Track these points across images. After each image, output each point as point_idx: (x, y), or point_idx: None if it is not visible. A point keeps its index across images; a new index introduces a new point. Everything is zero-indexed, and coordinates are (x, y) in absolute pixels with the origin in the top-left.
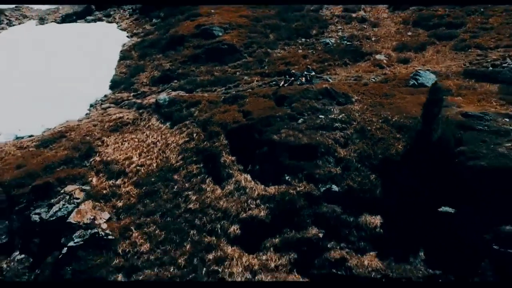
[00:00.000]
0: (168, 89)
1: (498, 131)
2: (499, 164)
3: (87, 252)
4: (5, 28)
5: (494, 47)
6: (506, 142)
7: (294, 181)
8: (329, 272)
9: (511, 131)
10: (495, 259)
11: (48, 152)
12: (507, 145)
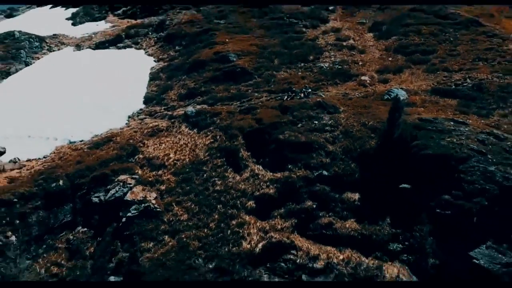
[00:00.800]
0: (194, 103)
1: (443, 130)
2: (441, 152)
3: (141, 220)
4: (46, 53)
5: (458, 70)
6: (447, 138)
7: (294, 168)
8: (320, 233)
9: (452, 131)
10: (437, 218)
11: (100, 152)
12: (447, 140)
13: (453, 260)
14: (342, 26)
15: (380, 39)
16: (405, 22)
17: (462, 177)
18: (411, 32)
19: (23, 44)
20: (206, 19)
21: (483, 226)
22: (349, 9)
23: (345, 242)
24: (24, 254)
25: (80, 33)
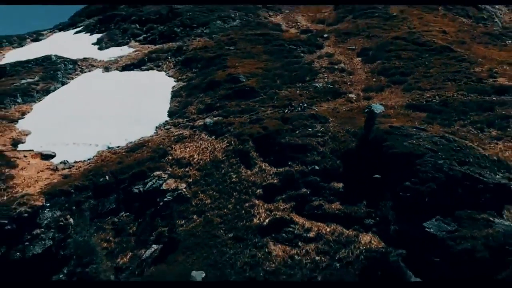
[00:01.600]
0: (211, 116)
1: (407, 135)
2: (404, 150)
3: (175, 204)
4: (79, 74)
5: (429, 88)
6: (409, 140)
7: (293, 164)
8: (312, 212)
9: (413, 135)
10: (399, 199)
11: (136, 155)
12: (409, 141)
13: (410, 228)
14: (335, 51)
15: (367, 63)
16: (388, 48)
17: (418, 168)
18: (392, 57)
19: (59, 66)
20: (217, 45)
21: (433, 204)
22: (341, 36)
23: (331, 219)
24: (80, 233)
25: (106, 56)
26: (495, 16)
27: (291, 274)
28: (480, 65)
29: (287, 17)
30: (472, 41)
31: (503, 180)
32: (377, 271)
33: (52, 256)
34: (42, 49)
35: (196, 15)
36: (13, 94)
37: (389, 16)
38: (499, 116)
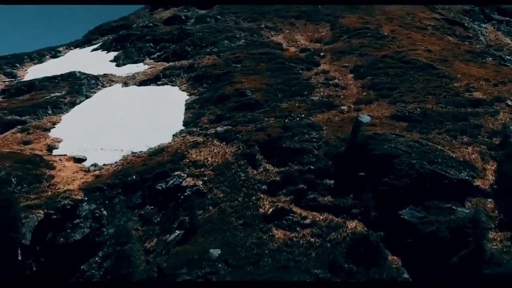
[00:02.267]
0: (221, 125)
1: (387, 140)
2: (383, 152)
3: (194, 197)
4: (101, 89)
5: (412, 101)
6: (388, 144)
7: (292, 165)
8: (308, 204)
9: (392, 140)
10: (379, 192)
11: (157, 158)
12: (388, 145)
13: (388, 215)
14: (330, 68)
15: (358, 79)
16: (377, 66)
17: (395, 167)
18: (381, 74)
19: (83, 81)
20: (225, 63)
21: (407, 196)
22: (337, 55)
23: (324, 209)
24: (113, 222)
25: (124, 73)
26: (480, 34)
27: (290, 251)
28: (459, 80)
29: (287, 36)
30: (455, 59)
31: (466, 177)
32: (360, 249)
33: (90, 242)
34: (62, 65)
35: (205, 35)
36: (44, 106)
37: (380, 36)
38: (471, 125)
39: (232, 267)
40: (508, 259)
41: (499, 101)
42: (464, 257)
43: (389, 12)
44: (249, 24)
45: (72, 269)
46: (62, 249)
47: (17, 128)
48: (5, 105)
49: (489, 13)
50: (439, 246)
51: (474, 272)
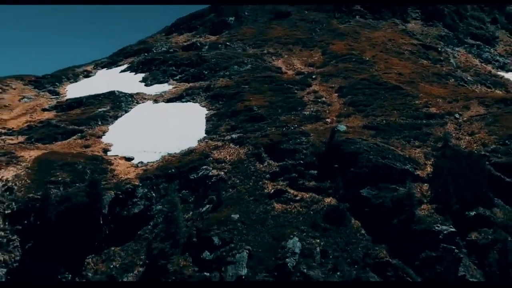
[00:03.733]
0: (235, 133)
1: (354, 142)
2: (352, 150)
3: (219, 182)
4: (136, 105)
5: (381, 115)
6: (356, 145)
7: (288, 160)
8: (299, 187)
9: (359, 142)
10: (348, 177)
11: (189, 157)
12: (356, 146)
13: (352, 193)
14: (319, 89)
15: (341, 97)
16: (356, 87)
17: (358, 161)
18: (359, 93)
19: (122, 99)
20: (236, 85)
21: (366, 180)
22: (325, 77)
23: (309, 190)
24: (159, 201)
25: (153, 91)
26: (452, 57)
27: (285, 216)
28: (420, 99)
29: (286, 61)
30: (421, 80)
31: (410, 168)
32: (332, 215)
33: (143, 214)
34: (97, 84)
35: (218, 61)
36: (95, 118)
37: (363, 60)
38: (423, 133)
39: (247, 225)
40: (430, 220)
41: (449, 114)
42: (401, 219)
43: (373, 38)
44: (254, 50)
45: (132, 233)
46: (125, 219)
47: (77, 136)
48: (65, 118)
49: (462, 37)
50: (385, 213)
51: (407, 228)
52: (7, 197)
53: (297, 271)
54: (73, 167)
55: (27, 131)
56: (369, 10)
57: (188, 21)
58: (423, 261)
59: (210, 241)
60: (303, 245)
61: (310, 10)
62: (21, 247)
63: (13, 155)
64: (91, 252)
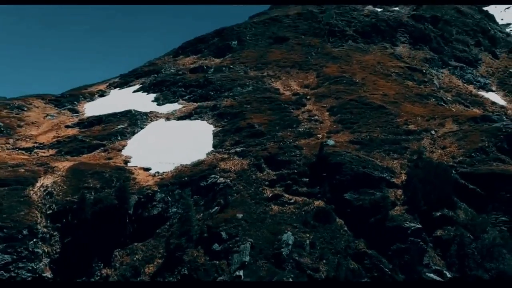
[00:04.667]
0: (239, 147)
1: (340, 154)
2: (337, 161)
3: (225, 188)
4: (150, 122)
5: (365, 131)
6: (341, 156)
7: (284, 170)
8: (292, 192)
9: (343, 155)
10: (333, 184)
11: (199, 167)
12: (340, 157)
13: (337, 196)
14: (313, 108)
15: (332, 116)
16: (346, 107)
17: (342, 169)
18: (348, 112)
19: (138, 116)
20: (239, 105)
21: (349, 186)
22: (318, 98)
23: (302, 194)
24: (175, 205)
25: (165, 110)
26: (436, 78)
27: (281, 216)
28: (401, 117)
29: (284, 83)
30: (404, 100)
31: (386, 176)
32: (320, 214)
33: (161, 216)
34: (112, 103)
35: (223, 83)
36: (115, 134)
37: (353, 82)
38: (401, 147)
39: (249, 223)
40: (401, 219)
41: (426, 131)
42: (377, 218)
43: (364, 61)
44: (255, 72)
45: (151, 231)
46: (146, 219)
47: (100, 149)
48: (88, 133)
49: (446, 60)
50: (364, 213)
51: (382, 225)
52: (48, 200)
53: (290, 259)
54: (101, 175)
55: (56, 145)
56: (360, 35)
57: (194, 45)
58: (394, 252)
59: (219, 235)
60: (296, 238)
61: (307, 34)
62: (61, 241)
63: (49, 166)
64: (118, 247)
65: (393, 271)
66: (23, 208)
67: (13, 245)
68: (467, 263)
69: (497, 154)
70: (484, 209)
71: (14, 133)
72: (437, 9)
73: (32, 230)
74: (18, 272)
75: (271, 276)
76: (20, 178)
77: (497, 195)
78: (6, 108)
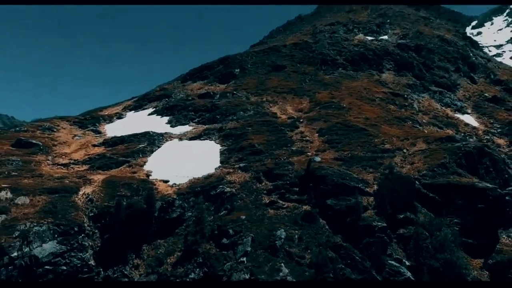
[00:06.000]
0: (242, 163)
1: (324, 169)
2: (321, 174)
3: (231, 196)
4: (165, 142)
5: (348, 150)
6: (324, 171)
7: (279, 181)
8: (285, 199)
9: (327, 169)
10: (319, 192)
11: (209, 180)
12: (324, 171)
13: (321, 203)
14: (305, 130)
15: (320, 137)
16: (332, 129)
17: (326, 180)
18: (334, 134)
19: (155, 137)
20: (242, 127)
21: (330, 194)
22: (310, 121)
23: (293, 201)
24: (190, 210)
25: (177, 131)
26: (415, 103)
27: (276, 217)
28: (379, 138)
29: (280, 107)
30: (384, 123)
31: (360, 186)
32: (307, 217)
33: (179, 218)
34: (131, 124)
35: (228, 108)
36: (137, 152)
37: (340, 107)
38: (377, 163)
39: (251, 222)
40: (371, 220)
41: (399, 150)
42: (353, 218)
43: (352, 88)
44: (255, 98)
45: (172, 231)
46: (167, 221)
47: (125, 165)
48: (115, 152)
49: (427, 85)
50: (342, 215)
51: (355, 224)
52: (90, 205)
53: (282, 249)
54: (130, 186)
55: (88, 162)
56: (350, 63)
57: (200, 72)
58: (364, 245)
59: (227, 232)
60: (287, 234)
61: (302, 63)
62: (101, 237)
63: (86, 178)
64: (145, 242)
65: (363, 259)
66: (72, 210)
67: (67, 238)
68: (422, 254)
69: (455, 168)
70: (441, 213)
71: (51, 151)
72: (422, 37)
73: (80, 227)
74: (70, 259)
75: (267, 261)
76: (66, 187)
77: (452, 202)
78: (38, 129)
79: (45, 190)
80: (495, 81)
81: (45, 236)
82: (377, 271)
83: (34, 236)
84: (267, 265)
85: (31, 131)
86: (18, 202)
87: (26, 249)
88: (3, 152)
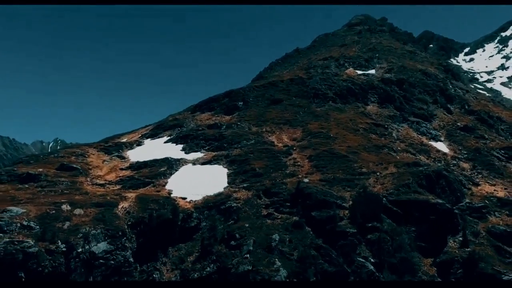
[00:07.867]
0: (245, 183)
1: (310, 187)
2: (308, 192)
3: (237, 209)
4: (181, 166)
5: (331, 173)
6: (311, 189)
7: (275, 198)
8: (280, 211)
9: (312, 188)
10: (305, 205)
11: (219, 197)
12: (311, 190)
13: (307, 214)
14: (297, 156)
15: (310, 162)
16: (319, 156)
17: (311, 196)
18: (321, 160)
19: (172, 162)
20: (245, 154)
21: (314, 207)
22: (302, 149)
23: (285, 213)
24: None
25: (191, 157)
26: (394, 132)
27: (272, 226)
28: (357, 163)
29: (277, 137)
30: (363, 151)
31: (338, 202)
32: (296, 225)
33: (196, 227)
34: (150, 150)
35: (233, 137)
36: (159, 174)
37: (328, 136)
38: (354, 184)
39: (253, 229)
40: (345, 227)
41: (374, 173)
42: (331, 226)
43: (339, 119)
44: (256, 128)
45: (190, 237)
46: (187, 229)
47: (150, 185)
48: (140, 174)
49: (406, 116)
50: (323, 224)
51: (333, 230)
52: (127, 216)
53: (276, 249)
54: (157, 201)
55: (120, 182)
56: (339, 96)
57: (208, 103)
58: (339, 246)
59: (234, 236)
60: (280, 237)
61: (297, 97)
62: (137, 240)
63: (122, 195)
64: (171, 245)
65: (338, 256)
66: (116, 219)
67: (114, 240)
68: (384, 253)
69: (416, 188)
70: (402, 223)
71: (89, 174)
72: (405, 71)
73: (123, 232)
74: (116, 256)
75: (265, 257)
76: (108, 202)
77: (411, 214)
78: (73, 155)
79: (93, 204)
80: (469, 111)
81: (99, 238)
82: (348, 266)
83: (92, 237)
84: (265, 260)
85: (67, 156)
86: (76, 213)
87: (87, 247)
88: (53, 174)
